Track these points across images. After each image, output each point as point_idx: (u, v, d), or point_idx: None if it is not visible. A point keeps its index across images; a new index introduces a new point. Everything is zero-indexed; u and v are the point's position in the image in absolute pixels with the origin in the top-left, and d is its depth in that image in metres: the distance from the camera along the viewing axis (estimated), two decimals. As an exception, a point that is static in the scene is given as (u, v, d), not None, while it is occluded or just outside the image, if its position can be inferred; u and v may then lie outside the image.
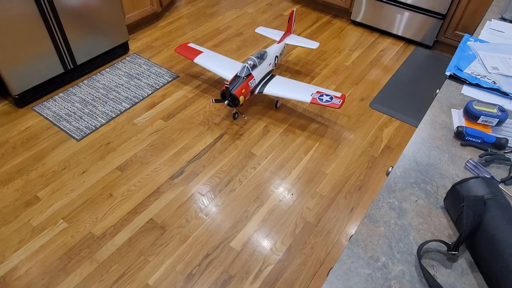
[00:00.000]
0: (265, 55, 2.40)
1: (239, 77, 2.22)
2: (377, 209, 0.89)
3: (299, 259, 1.73)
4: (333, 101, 2.18)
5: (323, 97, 2.21)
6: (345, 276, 0.77)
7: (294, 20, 2.78)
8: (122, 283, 1.61)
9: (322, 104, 2.17)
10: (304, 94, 2.25)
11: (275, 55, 2.52)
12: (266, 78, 2.41)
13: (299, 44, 2.67)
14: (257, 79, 2.30)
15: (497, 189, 0.82)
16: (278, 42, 2.62)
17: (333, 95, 2.23)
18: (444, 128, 1.14)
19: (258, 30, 2.84)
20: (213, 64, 2.51)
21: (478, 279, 0.77)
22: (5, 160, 2.09)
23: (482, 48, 1.48)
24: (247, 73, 2.23)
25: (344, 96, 2.22)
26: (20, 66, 2.28)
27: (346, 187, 2.05)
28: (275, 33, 2.81)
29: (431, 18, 3.03)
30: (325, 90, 2.29)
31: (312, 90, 2.29)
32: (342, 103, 2.18)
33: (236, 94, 2.15)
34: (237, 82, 2.19)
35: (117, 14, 2.71)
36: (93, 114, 2.40)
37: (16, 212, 1.85)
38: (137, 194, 1.96)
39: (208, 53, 2.61)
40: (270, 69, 2.45)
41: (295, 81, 2.39)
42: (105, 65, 2.82)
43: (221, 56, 2.59)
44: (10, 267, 1.65)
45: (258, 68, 2.31)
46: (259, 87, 2.34)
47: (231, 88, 2.16)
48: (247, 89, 2.22)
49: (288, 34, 2.75)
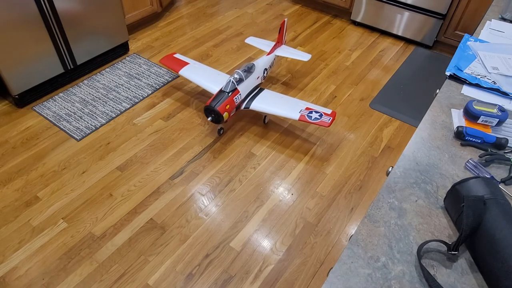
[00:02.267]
0: (252, 68, 2.27)
1: (224, 92, 2.09)
2: (377, 209, 0.89)
3: (299, 259, 1.73)
4: (323, 118, 2.07)
5: (312, 114, 2.10)
6: (345, 276, 0.77)
7: (286, 30, 2.64)
8: (122, 283, 1.61)
9: (310, 122, 2.06)
10: (293, 110, 2.14)
11: (264, 67, 2.39)
12: (254, 92, 2.28)
13: (290, 56, 2.55)
14: (243, 94, 2.18)
15: (497, 189, 0.82)
16: (268, 53, 2.49)
17: (323, 112, 2.12)
18: (444, 128, 1.14)
19: (248, 41, 2.70)
20: (199, 76, 2.38)
21: (478, 279, 0.77)
22: (5, 160, 2.09)
23: (482, 48, 1.48)
24: (232, 88, 2.10)
25: (335, 113, 2.11)
26: (20, 66, 2.28)
27: (346, 187, 2.05)
28: (265, 44, 2.67)
29: (431, 18, 3.03)
30: (314, 106, 2.17)
31: (301, 106, 2.17)
32: (332, 121, 2.06)
33: (220, 111, 2.03)
34: (221, 98, 2.06)
35: (117, 14, 2.71)
36: (93, 114, 2.40)
37: (16, 212, 1.85)
38: (137, 194, 1.96)
39: (194, 64, 2.49)
40: (258, 82, 2.32)
41: (284, 96, 2.27)
42: (105, 65, 2.82)
43: (207, 68, 2.47)
44: (10, 267, 1.65)
45: (244, 82, 2.18)
46: (245, 102, 2.22)
47: (214, 104, 2.03)
48: (232, 105, 2.10)
49: (279, 45, 2.62)
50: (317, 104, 2.58)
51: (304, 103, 2.20)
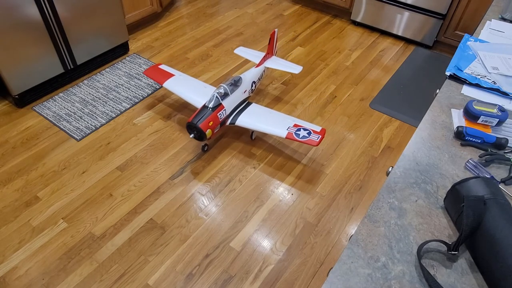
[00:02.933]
0: (239, 81, 2.16)
1: (207, 107, 1.98)
2: (377, 209, 0.89)
3: (299, 259, 1.73)
4: (311, 136, 1.97)
5: (300, 131, 2.00)
6: (345, 276, 0.77)
7: (276, 41, 2.53)
8: (122, 283, 1.61)
9: (298, 140, 1.96)
10: (280, 127, 2.03)
11: (252, 80, 2.28)
12: (241, 106, 2.18)
13: (280, 68, 2.44)
14: (228, 109, 2.07)
15: (497, 189, 0.82)
16: (257, 65, 2.38)
17: (312, 129, 2.02)
18: (444, 128, 1.14)
19: (237, 51, 2.60)
20: (184, 89, 2.26)
21: (478, 279, 0.77)
22: (5, 160, 2.09)
23: (482, 48, 1.48)
24: (216, 103, 1.99)
25: (324, 131, 2.01)
26: (20, 66, 2.28)
27: (346, 187, 2.05)
28: (254, 54, 2.56)
29: (431, 18, 3.03)
30: (303, 123, 2.07)
31: (289, 123, 2.06)
32: (321, 140, 1.95)
33: (202, 128, 1.92)
34: (204, 114, 1.95)
35: (117, 14, 2.71)
36: (93, 114, 2.40)
37: (16, 212, 1.85)
38: (137, 194, 1.96)
39: (180, 76, 2.36)
40: (245, 96, 2.21)
41: (272, 111, 2.16)
42: (105, 65, 2.82)
43: (193, 80, 2.34)
44: (10, 267, 1.65)
45: (230, 97, 2.07)
46: (231, 117, 2.11)
47: (196, 121, 1.92)
48: (216, 121, 1.99)
49: (269, 56, 2.51)
50: (317, 103, 2.58)
51: (293, 119, 2.09)
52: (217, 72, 2.81)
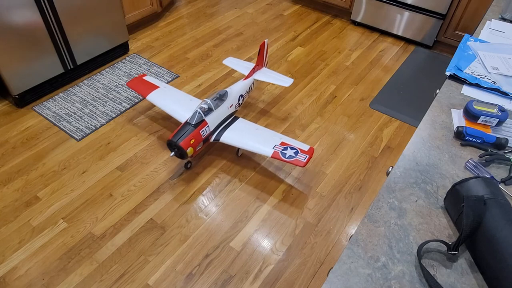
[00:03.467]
0: (225, 95, 2.06)
1: (189, 124, 1.89)
2: (377, 209, 0.89)
3: (299, 259, 1.73)
4: (298, 156, 1.86)
5: (287, 150, 1.89)
6: (345, 276, 0.77)
7: (267, 52, 2.41)
8: (122, 283, 1.61)
9: (284, 160, 1.86)
10: (266, 145, 1.93)
11: (240, 94, 2.17)
12: (227, 122, 2.08)
13: (270, 81, 2.32)
14: (212, 126, 1.97)
15: (497, 189, 0.82)
16: (246, 78, 2.27)
17: (299, 148, 1.91)
18: (444, 128, 1.14)
19: (226, 62, 2.47)
20: (168, 102, 2.16)
21: (478, 279, 0.77)
22: (5, 160, 2.09)
23: (482, 48, 1.48)
24: (199, 120, 1.90)
25: (312, 150, 1.91)
26: (20, 66, 2.28)
27: (346, 187, 2.05)
28: (244, 65, 2.44)
29: (431, 18, 3.03)
30: (291, 141, 1.96)
31: (276, 141, 1.95)
32: (308, 160, 1.85)
33: (183, 146, 1.83)
34: (185, 131, 1.87)
35: (117, 14, 2.71)
36: (93, 114, 2.40)
37: (16, 212, 1.85)
38: (137, 194, 1.96)
39: (164, 88, 2.25)
40: (231, 111, 2.11)
41: (259, 127, 2.05)
42: (105, 65, 2.82)
43: (179, 93, 2.24)
44: (10, 267, 1.65)
45: (214, 113, 1.97)
46: (215, 133, 2.01)
47: (177, 139, 1.84)
48: (198, 139, 1.90)
49: (259, 68, 2.38)
50: (317, 103, 2.58)
51: (280, 136, 1.99)
52: (217, 72, 2.81)
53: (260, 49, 2.31)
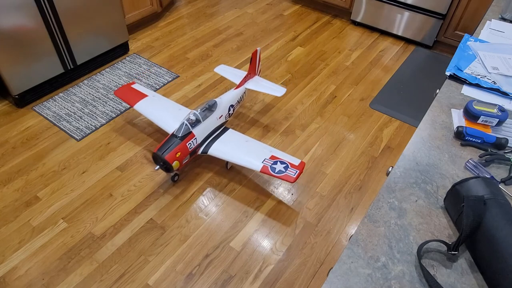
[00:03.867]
0: (214, 106, 1.98)
1: (175, 137, 1.82)
2: (377, 209, 0.89)
3: (299, 259, 1.73)
4: (288, 171, 1.79)
5: (277, 165, 1.82)
6: (345, 276, 0.77)
7: (259, 60, 2.31)
8: (122, 283, 1.61)
9: (273, 175, 1.78)
10: (256, 158, 1.86)
11: (230, 104, 2.09)
12: (216, 133, 2.01)
13: (263, 90, 2.24)
14: (200, 138, 1.90)
15: (497, 189, 0.82)
16: (237, 87, 2.19)
17: (289, 162, 1.84)
18: (444, 128, 1.14)
19: (217, 70, 2.40)
20: (156, 112, 2.08)
21: (478, 279, 0.77)
22: (5, 160, 2.09)
23: (482, 48, 1.48)
24: (185, 132, 1.83)
25: (303, 164, 1.84)
26: (20, 66, 2.28)
27: (346, 187, 2.05)
28: (236, 74, 2.36)
29: (431, 18, 3.03)
30: (281, 154, 1.89)
31: (266, 154, 1.87)
32: (298, 175, 1.78)
33: (168, 160, 1.77)
34: (171, 144, 1.80)
35: (117, 14, 2.71)
36: (93, 114, 2.40)
37: (16, 212, 1.85)
38: (137, 194, 1.96)
39: (153, 97, 2.17)
40: (221, 122, 2.03)
41: (250, 139, 1.97)
42: (105, 65, 2.82)
43: (168, 102, 2.16)
44: (10, 267, 1.65)
45: (202, 124, 1.90)
46: (203, 146, 1.94)
47: (162, 152, 1.78)
48: (185, 152, 1.84)
49: (251, 77, 2.30)
50: (317, 103, 2.58)
51: (270, 149, 1.91)
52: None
53: (252, 57, 2.22)
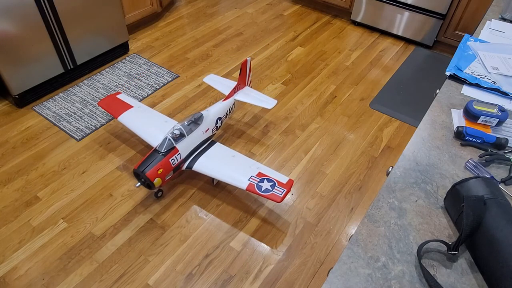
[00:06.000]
0: (200, 119, 1.90)
1: (157, 152, 1.75)
2: (377, 209, 0.89)
3: (299, 259, 1.73)
4: (274, 190, 1.70)
5: (263, 183, 1.73)
6: (345, 276, 0.77)
7: (250, 70, 2.21)
8: (122, 283, 1.61)
9: (259, 194, 1.70)
10: (242, 175, 1.78)
11: (218, 117, 2.01)
12: (202, 147, 1.93)
13: (252, 102, 2.14)
14: (184, 153, 1.82)
15: (497, 189, 0.82)
16: (225, 98, 2.10)
17: (277, 180, 1.75)
18: (444, 128, 1.14)
19: (206, 80, 2.30)
20: (141, 124, 2.00)
21: (478, 279, 0.77)
22: (5, 160, 2.09)
23: (482, 48, 1.48)
24: (168, 147, 1.76)
25: (291, 182, 1.75)
26: (20, 66, 2.28)
27: (346, 187, 2.05)
28: (225, 84, 2.26)
29: (431, 18, 3.03)
30: (269, 171, 1.80)
31: (253, 171, 1.79)
32: (285, 195, 1.69)
33: (149, 177, 1.69)
34: (153, 160, 1.72)
35: (117, 14, 2.71)
36: (93, 114, 2.40)
37: (16, 212, 1.85)
38: (137, 194, 1.96)
39: (138, 108, 2.09)
40: (207, 136, 1.95)
41: (236, 154, 1.90)
42: (105, 65, 2.82)
43: (154, 114, 2.08)
44: (10, 267, 1.65)
45: (187, 139, 1.82)
46: (188, 161, 1.86)
47: (142, 169, 1.70)
48: (168, 168, 1.76)
49: (241, 87, 2.21)
50: (317, 103, 2.58)
51: (258, 166, 1.83)
52: (217, 72, 2.81)
53: (242, 67, 2.11)
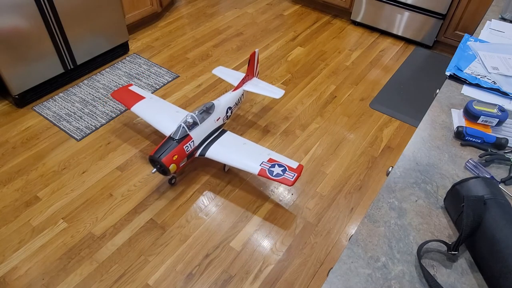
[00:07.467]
0: (211, 108, 1.98)
1: (172, 139, 1.81)
2: (377, 209, 0.89)
3: (299, 259, 1.73)
4: (285, 174, 1.78)
5: (275, 168, 1.81)
6: (345, 276, 0.77)
7: (257, 61, 2.30)
8: (122, 283, 1.61)
9: (271, 178, 1.77)
10: (253, 161, 1.84)
11: (228, 106, 2.08)
12: (213, 136, 2.00)
13: (261, 92, 2.22)
14: (197, 140, 1.89)
15: (497, 189, 0.82)
16: (235, 89, 2.18)
17: (287, 165, 1.82)
18: (444, 128, 1.14)
19: (215, 72, 2.38)
20: (154, 114, 2.08)
21: (478, 279, 0.77)
22: (5, 160, 2.09)
23: (482, 48, 1.48)
24: (182, 135, 1.82)
25: (301, 168, 1.82)
26: (20, 66, 2.28)
27: (346, 187, 2.05)
28: (234, 76, 2.35)
29: (431, 18, 3.03)
30: (279, 157, 1.87)
31: (264, 157, 1.86)
32: (296, 179, 1.76)
33: (165, 163, 1.76)
34: (168, 147, 1.79)
35: (117, 14, 2.71)
36: (93, 114, 2.40)
37: (16, 212, 1.85)
38: (137, 194, 1.96)
39: (150, 99, 2.16)
40: (218, 124, 2.02)
41: (247, 142, 1.96)
42: (105, 65, 2.82)
43: (165, 104, 2.15)
44: (10, 267, 1.65)
45: (199, 127, 1.89)
46: (200, 148, 1.93)
47: (158, 155, 1.77)
48: (182, 154, 1.82)
49: (249, 78, 2.29)
50: (317, 103, 2.58)
51: (268, 152, 1.90)
52: (217, 72, 2.81)
53: (250, 59, 2.21)
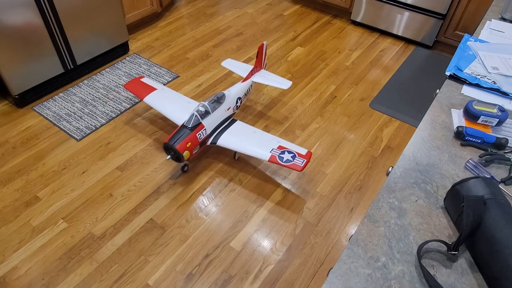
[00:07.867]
0: (222, 98, 2.04)
1: (185, 127, 1.88)
2: (377, 209, 0.89)
3: (299, 259, 1.73)
4: (295, 160, 1.85)
5: (284, 154, 1.88)
6: (345, 276, 0.77)
7: (265, 54, 2.38)
8: (122, 283, 1.61)
9: (281, 164, 1.84)
10: (264, 148, 1.91)
11: (238, 96, 2.15)
12: (224, 125, 2.07)
13: (269, 84, 2.29)
14: (209, 129, 1.96)
15: (497, 189, 0.82)
16: (244, 80, 2.24)
17: (297, 152, 1.89)
18: (444, 128, 1.14)
19: (224, 64, 2.46)
20: (166, 104, 2.16)
21: (478, 279, 0.77)
22: (5, 160, 2.09)
23: (482, 48, 1.48)
24: (195, 123, 1.89)
25: (310, 154, 1.90)
26: (20, 66, 2.28)
27: (346, 187, 2.05)
28: (243, 68, 2.42)
29: (431, 18, 3.03)
30: (289, 144, 1.94)
31: (274, 144, 1.94)
32: (305, 164, 1.83)
33: (179, 150, 1.82)
34: (182, 134, 1.85)
35: (117, 14, 2.71)
36: (93, 114, 2.40)
37: (16, 212, 1.85)
38: (137, 194, 1.96)
39: (162, 90, 2.24)
40: (229, 114, 2.09)
41: (257, 130, 2.04)
42: (105, 65, 2.82)
43: (177, 95, 2.22)
44: (10, 267, 1.65)
45: (211, 116, 1.96)
46: (212, 137, 2.00)
47: (173, 142, 1.83)
48: (195, 142, 1.89)
49: (257, 70, 2.36)
50: (317, 103, 2.58)
51: (278, 140, 1.97)
52: (217, 72, 2.81)
53: (259, 51, 2.28)
